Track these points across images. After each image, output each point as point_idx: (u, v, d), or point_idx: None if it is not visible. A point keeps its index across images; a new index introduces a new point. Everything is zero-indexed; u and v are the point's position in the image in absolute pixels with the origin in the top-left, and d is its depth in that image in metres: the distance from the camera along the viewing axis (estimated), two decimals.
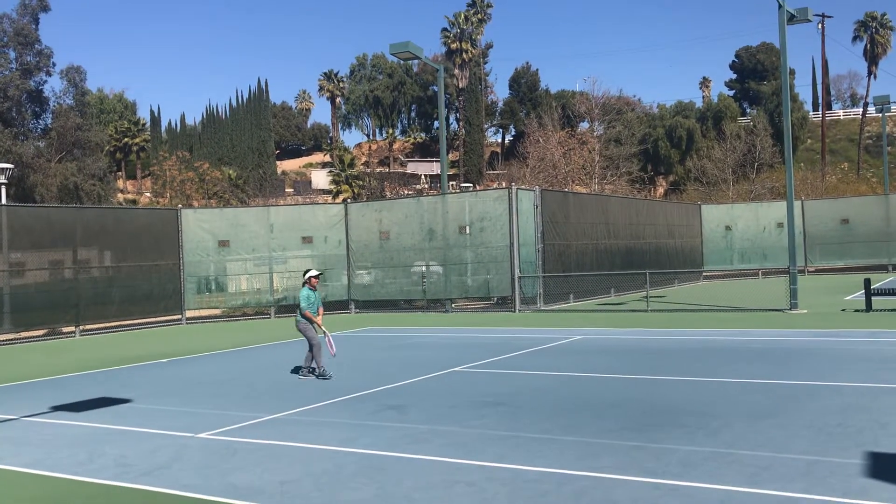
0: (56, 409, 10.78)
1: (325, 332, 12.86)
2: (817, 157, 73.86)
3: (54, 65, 45.74)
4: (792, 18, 21.49)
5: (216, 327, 24.27)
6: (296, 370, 13.35)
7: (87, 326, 23.40)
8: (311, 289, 12.82)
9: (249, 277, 26.94)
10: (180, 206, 28.28)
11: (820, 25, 70.43)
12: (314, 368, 12.71)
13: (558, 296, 26.29)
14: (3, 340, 21.55)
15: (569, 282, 26.83)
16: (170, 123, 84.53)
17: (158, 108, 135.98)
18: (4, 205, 23.91)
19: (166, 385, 12.74)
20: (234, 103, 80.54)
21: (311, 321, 12.66)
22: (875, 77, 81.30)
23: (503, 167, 70.93)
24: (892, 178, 59.15)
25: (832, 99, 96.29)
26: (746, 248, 39.15)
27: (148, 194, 68.34)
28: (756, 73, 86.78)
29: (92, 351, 18.61)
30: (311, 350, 12.64)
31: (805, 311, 20.33)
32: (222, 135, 78.95)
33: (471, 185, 66.13)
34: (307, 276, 12.98)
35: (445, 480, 6.62)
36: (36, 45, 44.58)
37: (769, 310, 21.09)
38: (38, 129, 46.99)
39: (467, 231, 26.04)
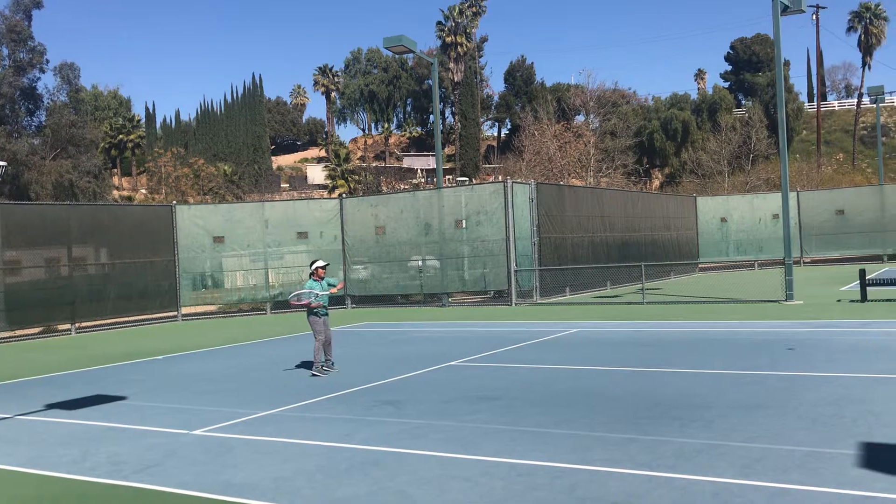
0: (50, 407, 10.76)
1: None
2: (813, 148, 73.91)
3: (48, 61, 45.71)
4: (786, 9, 21.46)
5: (212, 324, 24.25)
6: (307, 366, 13.16)
7: (83, 324, 23.38)
8: (316, 280, 12.58)
9: (245, 273, 26.92)
10: (175, 202, 28.22)
11: (814, 16, 70.42)
12: (326, 363, 12.63)
13: (554, 289, 26.31)
14: None
15: (565, 275, 26.84)
16: (164, 120, 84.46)
17: (153, 105, 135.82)
18: None
19: (161, 382, 12.72)
20: (228, 99, 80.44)
21: (312, 311, 12.48)
22: (869, 68, 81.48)
23: (499, 161, 70.89)
24: (886, 169, 59.28)
25: (827, 90, 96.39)
26: (742, 239, 39.19)
27: (143, 191, 68.22)
28: (751, 64, 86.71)
29: (87, 348, 18.58)
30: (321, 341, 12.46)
31: (801, 302, 20.35)
32: (217, 131, 78.80)
33: (467, 178, 66.06)
34: (314, 266, 12.67)
35: (441, 475, 6.61)
36: (29, 42, 44.49)
37: (765, 301, 21.12)
38: (33, 127, 46.92)
39: (463, 225, 26.03)
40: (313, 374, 12.41)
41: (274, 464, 7.24)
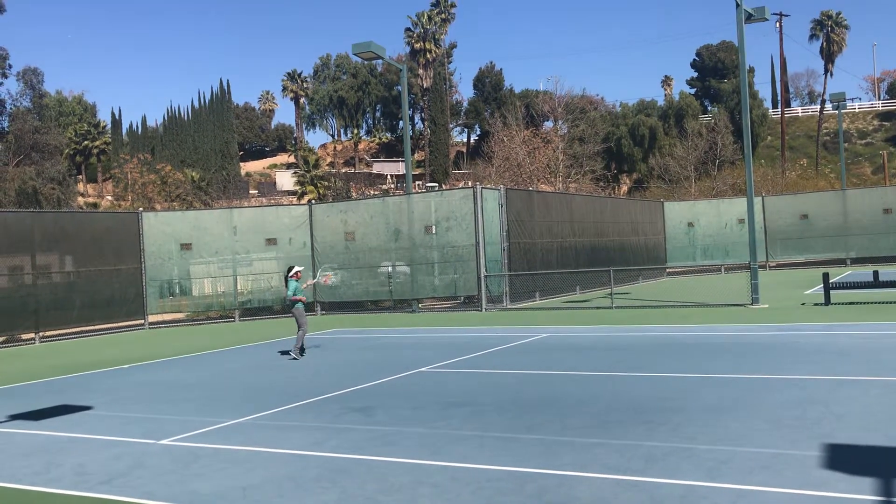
0: (13, 417, 10.57)
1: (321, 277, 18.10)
2: (777, 153, 75.04)
3: (10, 66, 45.04)
4: (750, 17, 21.80)
5: (179, 331, 23.99)
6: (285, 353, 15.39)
7: (47, 333, 23.01)
8: (296, 280, 15.43)
9: (213, 280, 26.68)
10: (141, 209, 27.92)
11: (777, 24, 71.55)
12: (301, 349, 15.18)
13: (524, 294, 26.40)
14: None
15: (534, 280, 26.95)
16: (131, 125, 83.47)
17: (119, 111, 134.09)
18: None
19: (127, 391, 12.55)
20: (196, 105, 79.72)
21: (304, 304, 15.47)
22: (832, 75, 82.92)
23: (468, 166, 71.15)
24: (849, 174, 60.35)
25: (791, 96, 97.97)
26: (709, 244, 39.66)
27: (109, 198, 67.34)
28: (717, 71, 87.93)
29: (51, 358, 18.28)
30: (300, 330, 15.19)
31: (766, 306, 20.63)
32: (184, 136, 78.07)
33: (436, 184, 66.16)
34: (294, 271, 15.52)
35: (410, 482, 6.61)
36: None
37: (731, 305, 21.37)
38: None
39: (433, 231, 26.03)
40: (293, 358, 15.04)
41: (242, 473, 7.18)
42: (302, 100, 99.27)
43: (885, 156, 67.10)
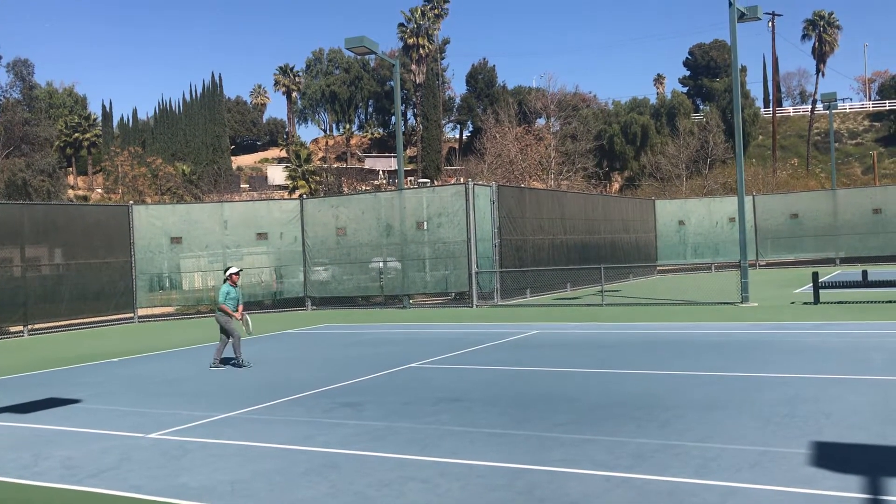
0: (0, 410, 10.51)
1: (243, 316, 13.76)
2: (768, 152, 75.23)
3: (0, 57, 44.68)
4: (742, 16, 21.85)
5: (169, 325, 23.92)
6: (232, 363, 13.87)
7: (36, 326, 22.90)
8: (231, 285, 13.85)
9: (203, 274, 26.59)
10: (131, 202, 27.81)
11: (770, 24, 71.72)
12: (234, 359, 13.69)
13: (515, 291, 26.43)
14: None
15: (525, 277, 26.98)
16: (122, 118, 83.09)
17: (110, 103, 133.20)
18: None
19: (116, 385, 12.50)
20: (187, 98, 79.35)
21: (229, 315, 13.57)
22: (823, 75, 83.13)
23: (461, 163, 71.14)
24: (839, 174, 60.57)
25: (782, 96, 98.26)
26: (699, 242, 39.79)
27: (99, 190, 67.00)
28: (709, 69, 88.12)
29: (40, 351, 18.19)
30: (230, 341, 13.62)
31: (756, 304, 20.71)
32: (176, 130, 77.74)
33: (428, 180, 66.11)
34: (229, 272, 14.01)
35: (399, 477, 6.60)
36: None
37: (721, 303, 21.45)
38: None
39: (425, 227, 26.02)
40: (215, 368, 13.55)
41: (231, 467, 7.17)
42: (294, 94, 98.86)
43: (875, 156, 67.39)
